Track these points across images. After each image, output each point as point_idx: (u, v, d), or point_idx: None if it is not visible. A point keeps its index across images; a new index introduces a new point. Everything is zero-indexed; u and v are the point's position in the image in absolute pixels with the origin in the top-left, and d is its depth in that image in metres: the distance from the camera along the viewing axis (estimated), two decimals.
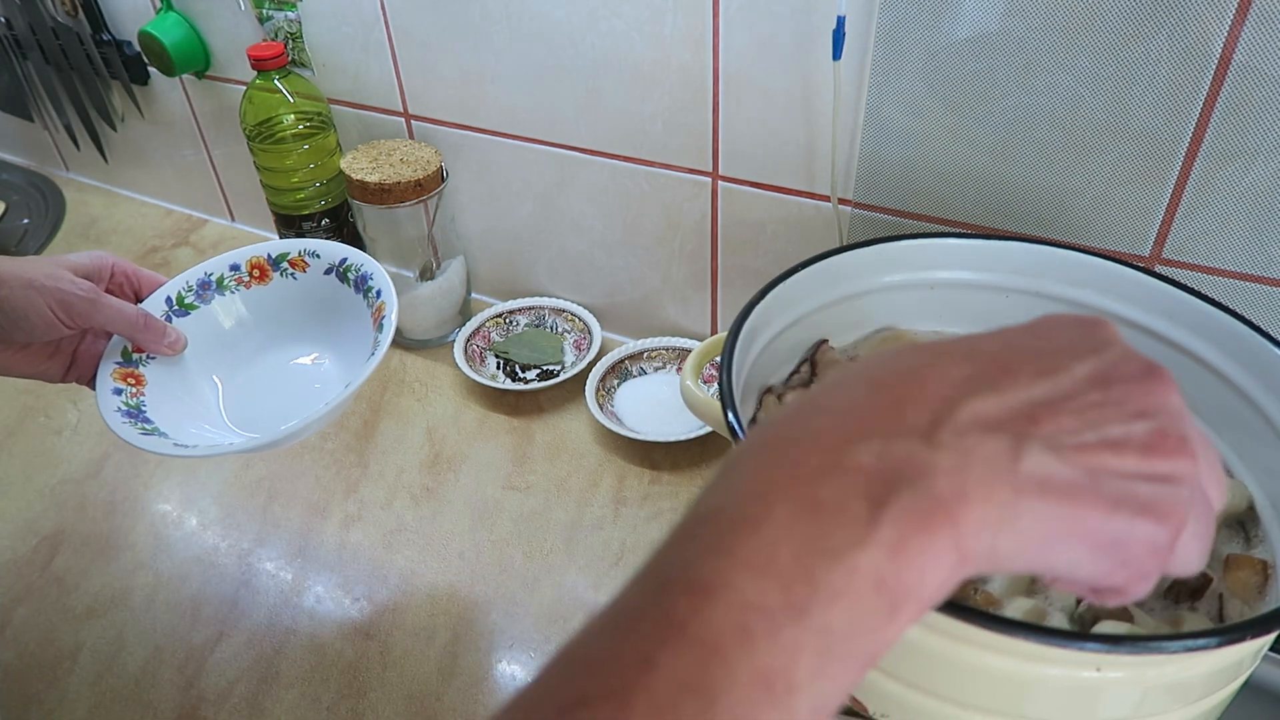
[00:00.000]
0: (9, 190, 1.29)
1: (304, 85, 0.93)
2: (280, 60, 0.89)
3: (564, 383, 0.89)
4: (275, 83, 0.90)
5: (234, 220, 1.21)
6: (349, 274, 0.65)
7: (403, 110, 0.94)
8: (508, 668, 0.67)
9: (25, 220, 1.23)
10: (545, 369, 0.92)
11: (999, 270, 0.61)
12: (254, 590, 0.74)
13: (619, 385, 0.90)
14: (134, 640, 0.71)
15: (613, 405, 0.88)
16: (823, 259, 0.59)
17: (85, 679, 0.68)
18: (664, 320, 0.94)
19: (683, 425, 0.84)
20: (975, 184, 0.68)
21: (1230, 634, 0.37)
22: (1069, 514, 0.26)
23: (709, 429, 0.76)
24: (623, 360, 0.91)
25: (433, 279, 0.94)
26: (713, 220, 0.83)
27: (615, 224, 0.89)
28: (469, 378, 0.90)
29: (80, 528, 0.80)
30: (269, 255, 0.67)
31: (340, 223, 0.97)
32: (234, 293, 0.67)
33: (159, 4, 1.01)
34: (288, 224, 0.97)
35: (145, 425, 0.58)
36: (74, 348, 0.62)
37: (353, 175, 0.86)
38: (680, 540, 0.26)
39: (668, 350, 0.92)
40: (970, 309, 0.63)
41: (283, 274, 0.67)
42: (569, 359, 0.94)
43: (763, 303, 0.56)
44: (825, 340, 0.63)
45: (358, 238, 0.94)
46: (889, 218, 0.73)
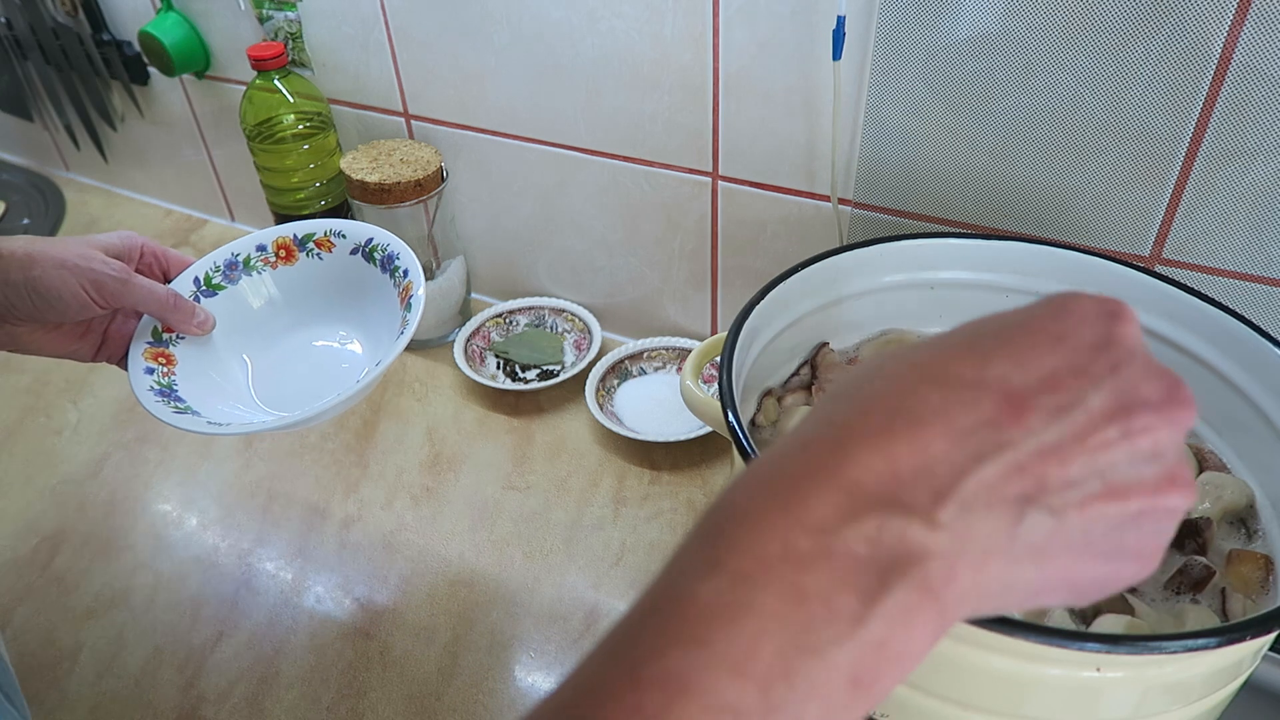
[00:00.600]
0: (9, 190, 1.29)
1: (304, 85, 0.93)
2: (280, 60, 0.89)
3: (564, 383, 0.89)
4: (275, 83, 0.90)
5: (234, 220, 1.21)
6: (375, 254, 0.66)
7: (403, 110, 0.94)
8: (507, 668, 0.67)
9: (25, 220, 1.23)
10: (545, 369, 0.92)
11: (999, 270, 0.61)
12: (254, 590, 0.74)
13: (619, 385, 0.90)
14: (134, 640, 0.71)
15: (613, 405, 0.88)
16: (823, 259, 0.59)
17: (85, 679, 0.68)
18: (664, 320, 0.94)
19: (683, 425, 0.84)
20: (975, 184, 0.68)
21: (1230, 634, 0.37)
22: (1059, 573, 0.26)
23: (709, 429, 0.76)
24: (623, 360, 0.91)
25: (433, 279, 0.94)
26: (713, 220, 0.83)
27: (615, 224, 0.89)
28: (469, 378, 0.90)
29: (80, 528, 0.80)
30: (295, 235, 0.67)
31: None
32: (261, 273, 0.67)
33: (159, 4, 1.01)
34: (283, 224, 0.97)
35: (178, 404, 0.59)
36: (105, 328, 0.62)
37: (353, 175, 0.86)
38: (663, 604, 0.24)
39: (668, 350, 0.92)
40: (970, 309, 0.62)
41: (309, 254, 0.67)
42: (569, 359, 0.94)
43: (763, 303, 0.56)
44: (826, 343, 0.63)
45: None
46: (889, 218, 0.73)
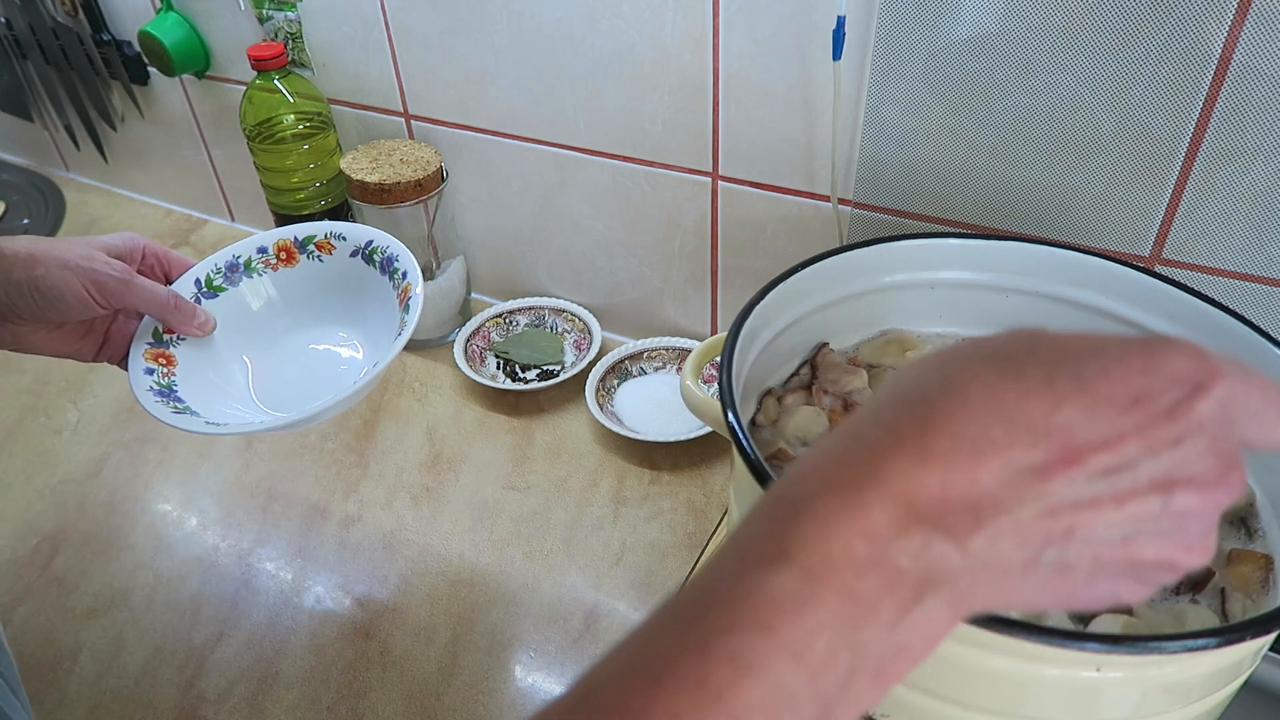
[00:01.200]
0: (9, 190, 1.29)
1: (304, 85, 0.93)
2: (280, 60, 0.89)
3: (564, 383, 0.89)
4: (275, 83, 0.90)
5: (234, 220, 1.21)
6: (374, 256, 0.66)
7: (403, 110, 0.94)
8: (507, 668, 0.67)
9: (25, 220, 1.23)
10: (545, 369, 0.92)
11: (999, 270, 0.61)
12: (254, 590, 0.74)
13: (619, 385, 0.90)
14: (134, 640, 0.71)
15: (613, 405, 0.88)
16: (823, 259, 0.59)
17: (85, 679, 0.68)
18: (664, 320, 0.94)
19: (683, 425, 0.84)
20: (975, 184, 0.68)
21: (1230, 634, 0.37)
22: (1058, 598, 0.28)
23: (709, 429, 0.76)
24: (623, 360, 0.91)
25: (433, 279, 0.94)
26: (713, 220, 0.83)
27: (615, 224, 0.89)
28: (469, 378, 0.90)
29: (80, 528, 0.80)
30: (296, 238, 0.68)
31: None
32: (261, 275, 0.68)
33: (159, 4, 1.01)
34: (287, 224, 0.96)
35: (177, 404, 0.59)
36: (106, 328, 0.62)
37: (353, 175, 0.86)
38: (733, 588, 0.26)
39: (668, 350, 0.92)
40: (970, 309, 0.63)
41: (309, 256, 0.68)
42: (569, 359, 0.94)
43: (763, 303, 0.56)
44: (826, 343, 0.63)
45: None
46: (889, 218, 0.73)
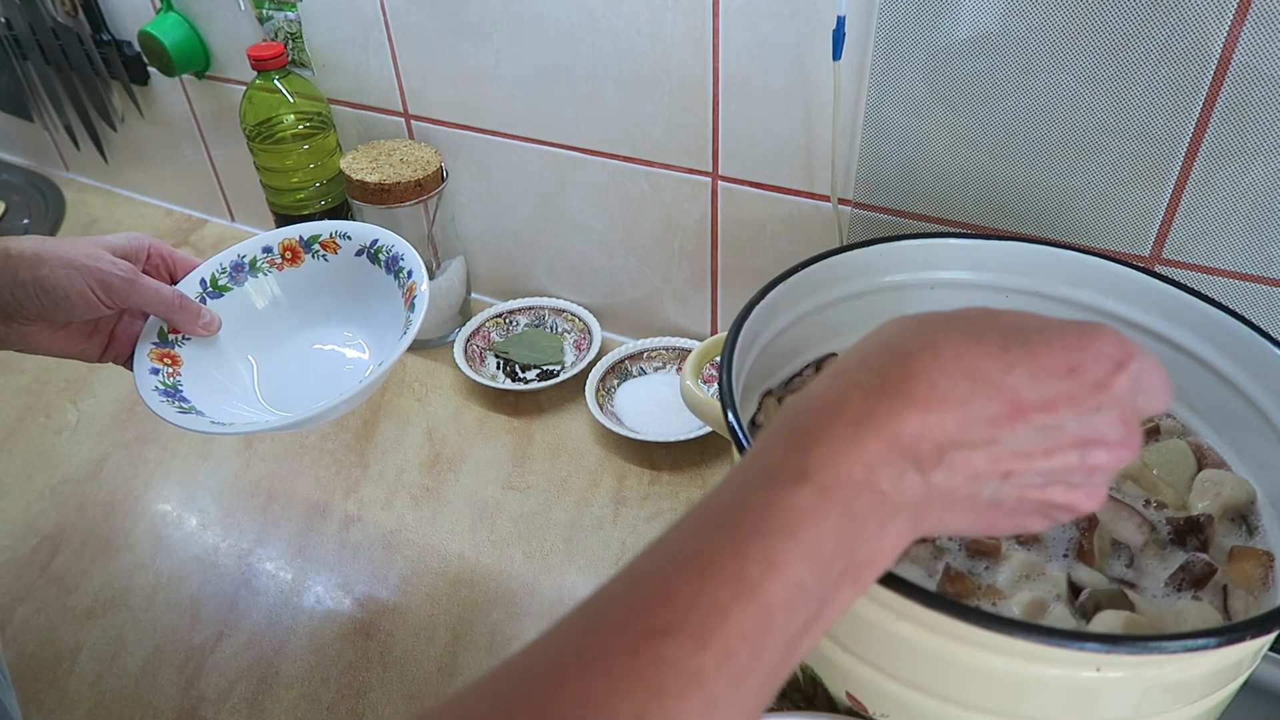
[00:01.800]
0: (9, 190, 1.29)
1: (304, 85, 0.93)
2: (280, 60, 0.89)
3: (564, 383, 0.89)
4: (275, 83, 0.90)
5: (234, 220, 1.21)
6: (380, 255, 0.66)
7: (403, 110, 0.94)
8: None
9: (25, 220, 1.23)
10: (545, 369, 0.92)
11: (999, 270, 0.61)
12: (254, 590, 0.74)
13: (619, 385, 0.90)
14: (134, 640, 0.71)
15: (613, 405, 0.88)
16: (823, 259, 0.59)
17: (85, 679, 0.68)
18: (664, 320, 0.94)
19: (683, 425, 0.84)
20: (975, 184, 0.68)
21: (1230, 634, 0.37)
22: (986, 523, 0.35)
23: (709, 429, 0.76)
24: (623, 360, 0.91)
25: (433, 279, 0.94)
26: (713, 220, 0.83)
27: (615, 224, 0.89)
28: (469, 378, 0.90)
29: (80, 528, 0.80)
30: (301, 237, 0.68)
31: None
32: (267, 274, 0.68)
33: (159, 4, 1.01)
34: (287, 224, 0.96)
35: (182, 404, 0.59)
36: (111, 328, 0.62)
37: (353, 175, 0.86)
38: (761, 500, 0.30)
39: (668, 350, 0.92)
40: None
41: (314, 256, 0.68)
42: (569, 359, 0.94)
43: (763, 303, 0.56)
44: (834, 354, 0.63)
45: None
46: (889, 218, 0.73)
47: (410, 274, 0.64)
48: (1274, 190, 0.59)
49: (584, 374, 0.89)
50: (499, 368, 0.93)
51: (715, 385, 0.51)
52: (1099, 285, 0.59)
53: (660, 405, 0.87)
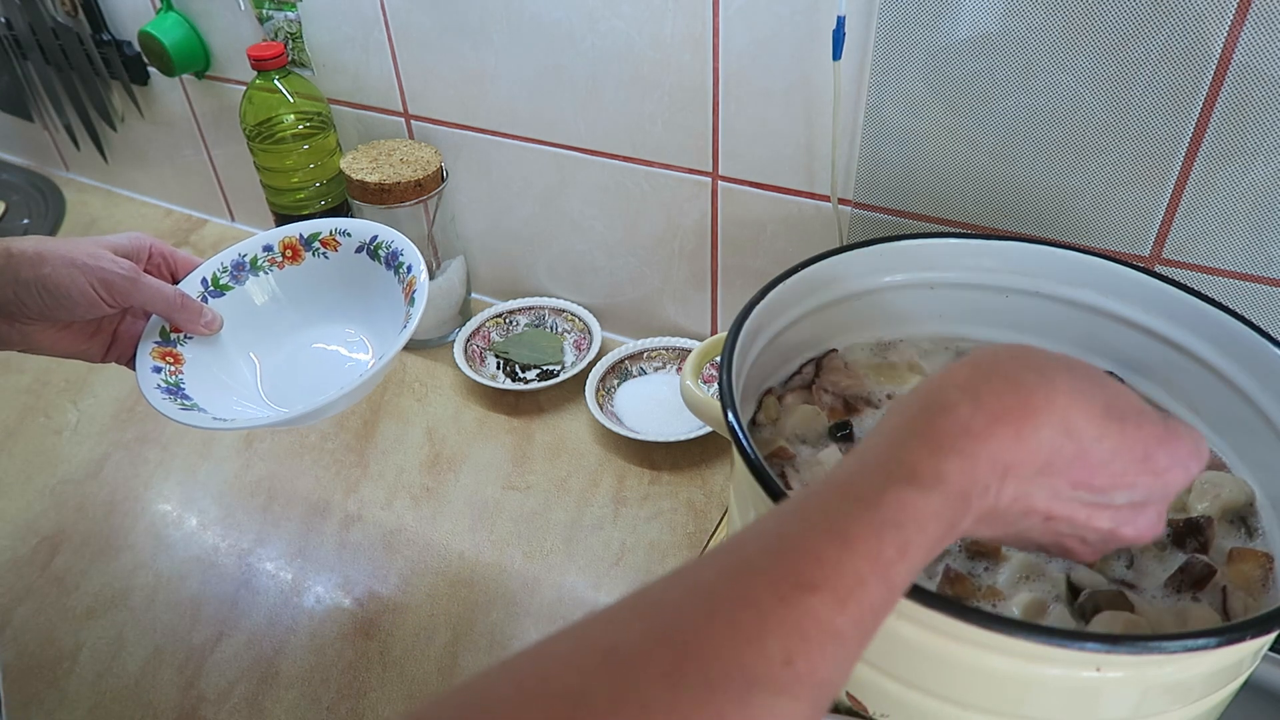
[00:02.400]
0: (9, 190, 1.29)
1: (304, 85, 0.93)
2: (280, 60, 0.89)
3: (564, 383, 0.89)
4: (275, 83, 0.90)
5: (234, 220, 1.21)
6: (380, 251, 0.66)
7: (403, 110, 0.94)
8: None
9: (25, 220, 1.23)
10: (545, 369, 0.92)
11: (999, 270, 0.61)
12: (254, 590, 0.74)
13: (619, 385, 0.90)
14: (134, 640, 0.71)
15: (613, 405, 0.88)
16: (823, 259, 0.59)
17: (85, 679, 0.68)
18: (664, 320, 0.94)
19: (683, 425, 0.84)
20: (975, 184, 0.68)
21: (1230, 634, 0.37)
22: (1005, 540, 0.40)
23: (709, 429, 0.76)
24: (623, 360, 0.91)
25: (433, 279, 0.94)
26: (713, 220, 0.83)
27: (615, 224, 0.89)
28: (469, 378, 0.90)
29: (80, 528, 0.80)
30: (301, 235, 0.68)
31: None
32: (267, 273, 0.68)
33: (159, 4, 1.01)
34: (288, 224, 0.97)
35: (185, 401, 0.59)
36: (114, 327, 0.63)
37: (353, 175, 0.86)
38: (900, 489, 0.33)
39: (668, 350, 0.92)
40: (970, 309, 0.63)
41: (315, 253, 0.68)
42: (569, 359, 0.94)
43: (763, 303, 0.56)
44: (834, 350, 0.63)
45: None
46: (889, 218, 0.73)
47: (410, 269, 0.64)
48: (1274, 190, 0.59)
49: (584, 374, 0.89)
50: (499, 368, 0.93)
51: (715, 385, 0.51)
52: (1099, 285, 0.59)
53: (660, 405, 0.87)
